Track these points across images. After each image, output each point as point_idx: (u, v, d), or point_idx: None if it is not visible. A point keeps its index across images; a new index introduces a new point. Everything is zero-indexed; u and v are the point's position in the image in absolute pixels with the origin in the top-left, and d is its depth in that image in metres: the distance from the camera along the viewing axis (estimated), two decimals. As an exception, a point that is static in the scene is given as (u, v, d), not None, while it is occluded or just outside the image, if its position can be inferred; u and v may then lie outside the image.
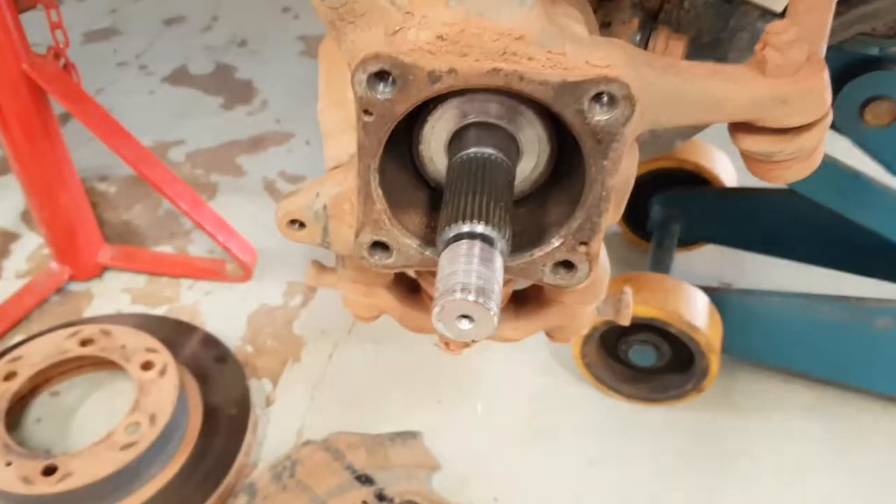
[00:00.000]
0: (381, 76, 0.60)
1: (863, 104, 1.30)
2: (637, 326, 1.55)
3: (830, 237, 1.71)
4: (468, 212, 0.58)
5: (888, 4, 1.08)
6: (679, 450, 1.61)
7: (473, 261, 0.56)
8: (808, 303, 1.56)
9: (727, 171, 1.91)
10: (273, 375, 1.78)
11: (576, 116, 0.60)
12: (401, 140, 0.68)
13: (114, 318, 1.87)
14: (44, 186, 1.86)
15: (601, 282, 0.82)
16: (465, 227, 0.57)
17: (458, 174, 0.63)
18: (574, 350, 1.65)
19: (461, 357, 1.82)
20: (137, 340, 1.66)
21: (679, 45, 0.95)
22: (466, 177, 0.62)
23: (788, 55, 0.62)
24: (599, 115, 0.59)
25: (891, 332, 1.50)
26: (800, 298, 1.58)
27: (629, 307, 0.89)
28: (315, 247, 0.77)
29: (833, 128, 0.69)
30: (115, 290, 2.01)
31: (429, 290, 0.84)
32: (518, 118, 0.66)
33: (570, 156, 0.67)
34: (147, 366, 1.60)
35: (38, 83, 1.71)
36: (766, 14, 0.93)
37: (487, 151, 0.64)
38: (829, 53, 0.71)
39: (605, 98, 0.59)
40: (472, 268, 0.55)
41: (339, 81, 0.79)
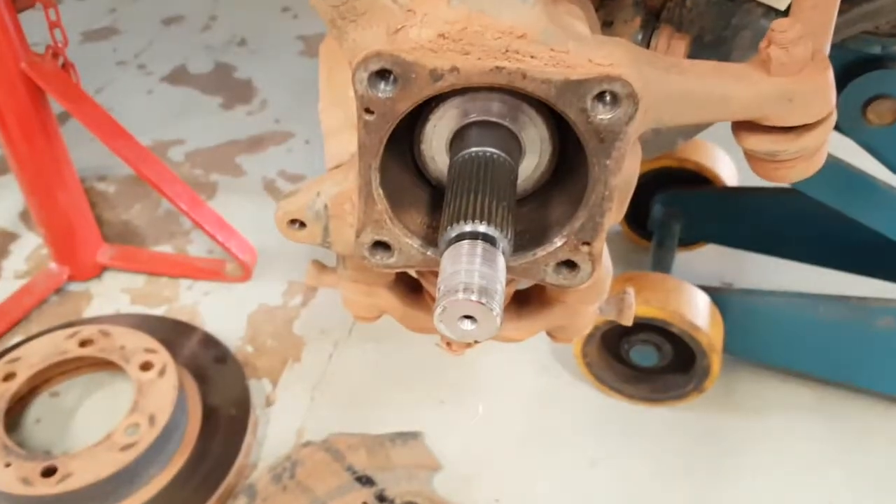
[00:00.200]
0: (383, 75, 0.59)
1: (865, 103, 1.29)
2: (638, 326, 1.54)
3: (832, 237, 1.70)
4: (470, 211, 0.58)
5: (891, 2, 1.07)
6: (680, 450, 1.60)
7: (476, 261, 0.55)
8: (810, 302, 1.56)
9: (728, 171, 1.91)
10: (273, 376, 1.77)
11: (578, 115, 0.59)
12: (402, 139, 0.67)
13: (113, 319, 1.86)
14: (42, 186, 1.86)
15: (603, 282, 0.81)
16: (468, 227, 0.57)
17: (460, 173, 0.62)
18: (575, 350, 1.64)
19: (462, 357, 1.82)
20: (136, 341, 1.66)
21: (681, 44, 0.95)
22: (468, 176, 0.62)
23: (793, 53, 0.62)
24: (602, 114, 0.59)
25: (892, 332, 1.49)
26: (801, 298, 1.58)
27: (631, 307, 0.88)
28: (315, 247, 0.77)
29: (835, 128, 0.68)
30: (115, 291, 2.00)
31: (430, 291, 0.84)
32: (520, 117, 0.65)
33: (573, 155, 0.67)
34: (146, 366, 1.60)
35: (37, 82, 1.71)
36: (770, 12, 0.93)
37: (489, 150, 0.63)
38: (832, 52, 0.70)
39: (608, 97, 0.58)
40: (475, 268, 0.55)
41: (340, 80, 0.79)
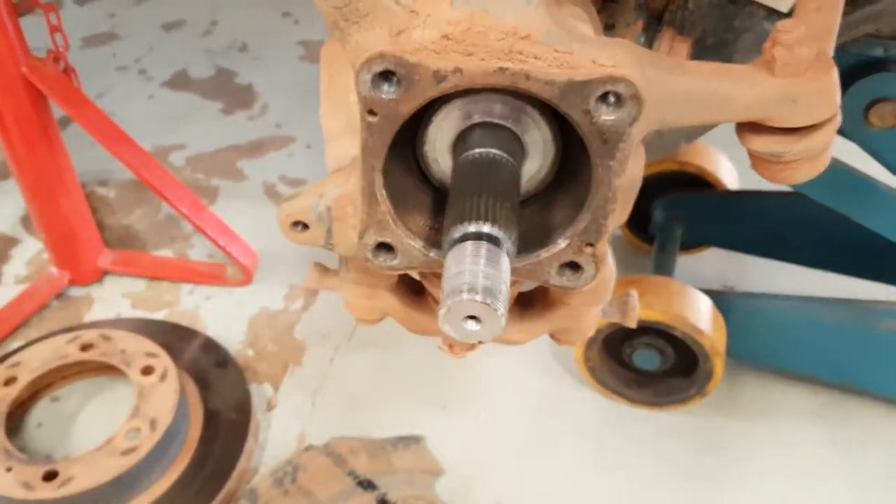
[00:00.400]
0: (386, 76, 0.59)
1: (867, 106, 1.28)
2: (641, 330, 1.54)
3: (835, 240, 1.70)
4: (474, 212, 0.57)
5: (894, 5, 1.07)
6: (683, 454, 1.60)
7: (480, 261, 0.55)
8: (814, 305, 1.55)
9: (730, 174, 1.90)
10: (274, 380, 1.77)
11: (582, 116, 0.59)
12: (405, 141, 0.67)
13: (114, 323, 1.86)
14: (44, 191, 1.86)
15: (607, 283, 0.81)
16: (472, 228, 0.57)
17: (464, 174, 0.62)
18: (577, 354, 1.64)
19: (464, 361, 1.81)
20: (137, 345, 1.65)
21: (683, 48, 0.95)
22: (472, 177, 0.62)
23: (797, 53, 0.61)
24: (606, 115, 0.59)
25: (896, 335, 1.49)
26: (805, 301, 1.57)
27: (635, 309, 0.88)
28: (318, 249, 0.77)
29: (837, 131, 0.68)
30: (116, 295, 2.00)
31: (433, 292, 0.84)
32: (523, 118, 0.65)
33: (576, 156, 0.66)
34: (147, 371, 1.59)
35: (38, 86, 1.71)
36: (772, 14, 0.93)
37: (493, 152, 0.63)
38: (834, 55, 0.70)
39: (612, 98, 0.58)
40: (479, 268, 0.54)
41: (342, 85, 0.79)
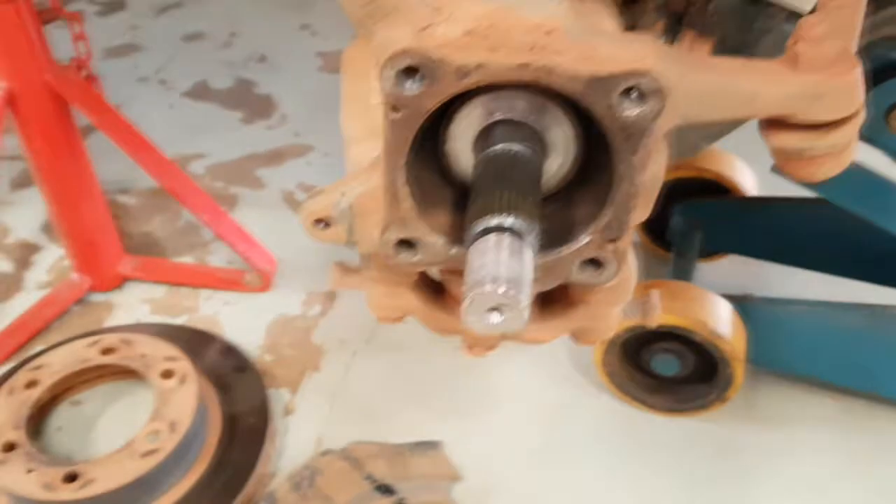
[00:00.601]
0: (410, 72, 0.60)
1: (888, 110, 1.28)
2: (660, 335, 1.53)
3: (856, 246, 1.68)
4: (496, 206, 0.58)
5: (915, 7, 1.07)
6: (702, 461, 1.59)
7: (503, 253, 0.55)
8: (834, 311, 1.54)
9: (748, 181, 1.89)
10: (292, 385, 1.77)
11: (605, 111, 0.59)
12: (427, 139, 0.67)
13: (134, 328, 1.87)
14: (67, 197, 1.88)
15: (628, 281, 0.81)
16: (494, 221, 0.57)
17: (486, 170, 0.63)
18: (596, 359, 1.63)
19: (481, 367, 1.80)
20: (158, 349, 1.66)
21: (704, 49, 0.95)
22: (494, 172, 0.62)
23: (821, 49, 0.62)
24: (629, 110, 0.59)
25: (919, 342, 1.48)
26: (825, 307, 1.56)
27: (656, 308, 0.88)
28: (340, 246, 0.77)
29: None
30: (136, 301, 2.02)
31: (454, 290, 0.84)
32: (545, 115, 0.65)
33: (598, 153, 0.67)
34: (167, 374, 1.60)
35: (61, 94, 1.73)
36: (792, 16, 0.93)
37: (514, 147, 0.63)
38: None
39: (635, 93, 0.58)
40: (502, 260, 0.55)
41: (362, 90, 0.80)
